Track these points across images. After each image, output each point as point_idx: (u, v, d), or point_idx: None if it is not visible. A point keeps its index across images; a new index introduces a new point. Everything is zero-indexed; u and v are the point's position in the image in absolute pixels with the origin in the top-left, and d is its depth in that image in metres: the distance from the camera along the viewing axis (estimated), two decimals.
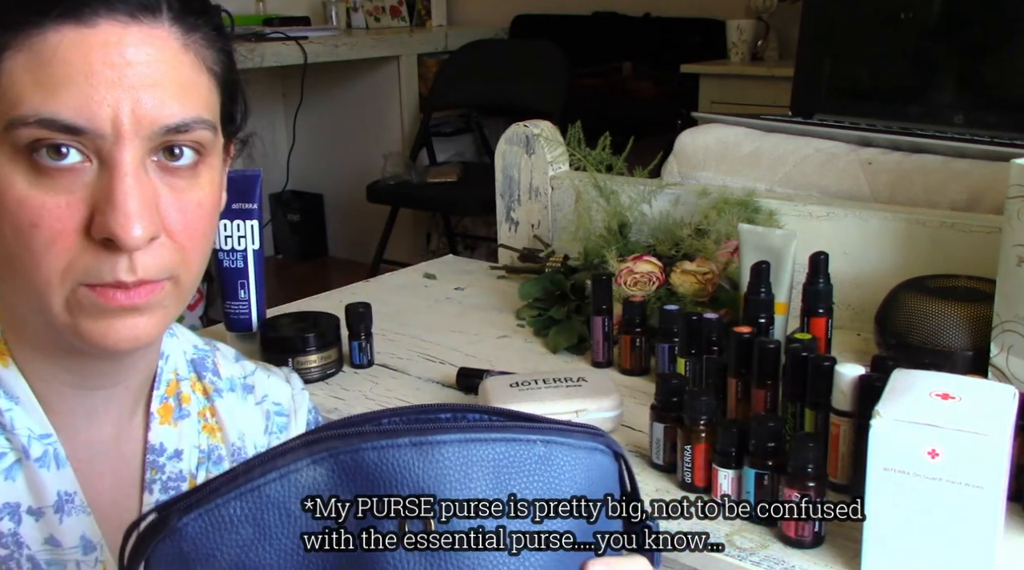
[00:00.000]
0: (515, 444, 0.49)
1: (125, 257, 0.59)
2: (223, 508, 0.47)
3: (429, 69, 3.80)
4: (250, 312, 1.10)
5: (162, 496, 0.73)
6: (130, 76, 0.58)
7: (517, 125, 1.49)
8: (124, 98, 0.58)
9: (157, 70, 0.59)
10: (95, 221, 0.58)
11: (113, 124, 0.57)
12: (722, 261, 1.17)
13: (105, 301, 0.60)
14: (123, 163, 0.58)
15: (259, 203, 1.09)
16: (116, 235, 0.57)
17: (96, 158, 0.58)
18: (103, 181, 0.58)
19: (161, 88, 0.59)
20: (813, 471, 0.74)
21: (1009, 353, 0.89)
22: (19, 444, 0.65)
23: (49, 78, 0.56)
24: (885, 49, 1.61)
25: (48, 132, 0.56)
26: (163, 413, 0.74)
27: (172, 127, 0.60)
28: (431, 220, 4.02)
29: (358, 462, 0.47)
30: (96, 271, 0.59)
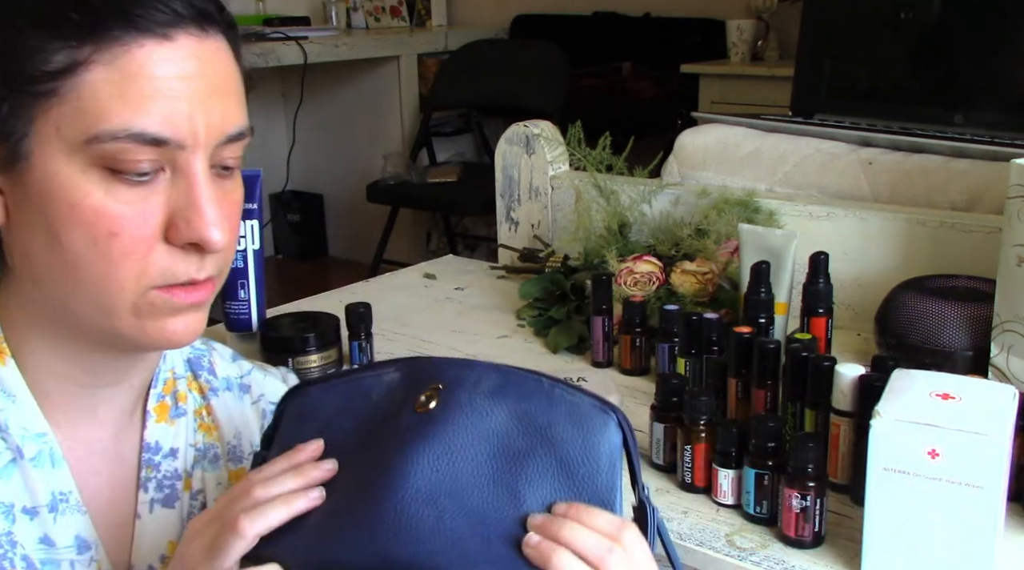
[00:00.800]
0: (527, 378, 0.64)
1: (197, 257, 0.63)
2: (335, 386, 0.67)
3: (429, 69, 3.80)
4: (250, 312, 1.10)
5: (157, 494, 0.73)
6: (202, 87, 0.61)
7: (517, 125, 1.49)
8: (199, 108, 0.61)
9: (221, 81, 0.63)
10: (177, 227, 0.61)
11: (192, 135, 0.60)
12: (722, 261, 1.17)
13: (176, 300, 0.63)
14: (201, 171, 0.62)
15: (259, 203, 1.09)
16: (204, 240, 0.61)
17: (170, 166, 0.61)
18: (180, 188, 0.61)
19: (225, 98, 0.63)
20: (813, 471, 0.74)
21: (1009, 353, 0.89)
22: (13, 443, 0.66)
23: (137, 92, 0.59)
24: (885, 49, 1.61)
25: (136, 145, 0.59)
26: (159, 411, 0.75)
27: (234, 135, 0.64)
28: (431, 220, 4.01)
29: (419, 368, 0.66)
30: (173, 273, 0.63)
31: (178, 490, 0.75)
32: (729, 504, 0.81)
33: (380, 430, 0.63)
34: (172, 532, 0.73)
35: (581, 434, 0.62)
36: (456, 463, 0.60)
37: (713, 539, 0.77)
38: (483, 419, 0.62)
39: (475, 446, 0.61)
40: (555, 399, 0.63)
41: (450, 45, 3.83)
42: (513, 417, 0.62)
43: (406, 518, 0.57)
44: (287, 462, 0.62)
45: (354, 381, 0.67)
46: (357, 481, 0.61)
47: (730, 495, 0.81)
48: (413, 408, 0.62)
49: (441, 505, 0.58)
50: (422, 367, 0.66)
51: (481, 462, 0.60)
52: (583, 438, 0.62)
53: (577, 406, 0.63)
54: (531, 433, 0.62)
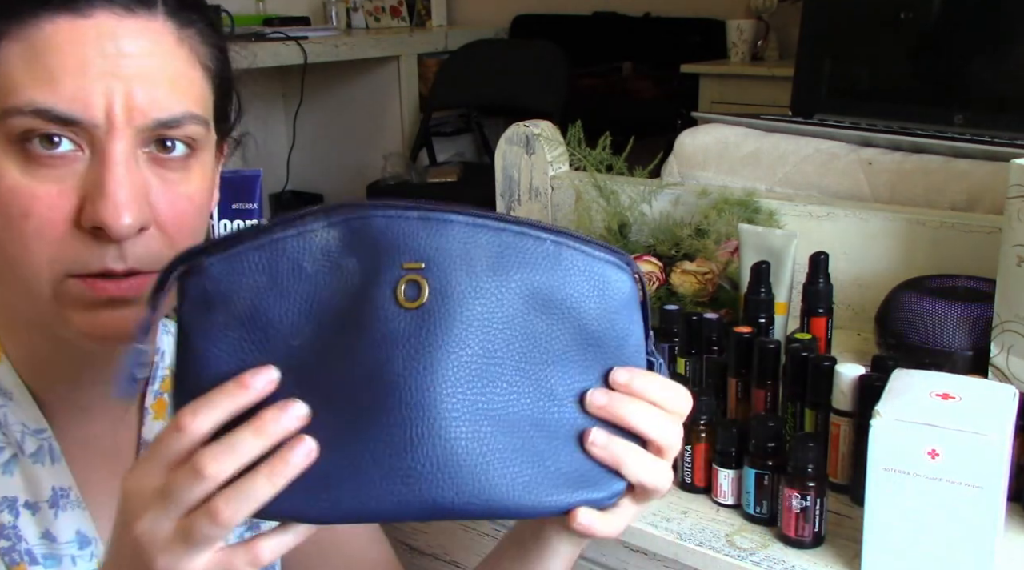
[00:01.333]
0: (525, 238, 0.53)
1: (114, 246, 0.59)
2: (244, 255, 0.51)
3: (429, 69, 3.80)
4: None
5: None
6: (124, 67, 0.58)
7: (517, 125, 1.49)
8: (117, 89, 0.58)
9: (151, 63, 0.59)
10: (85, 210, 0.58)
11: (107, 115, 0.58)
12: (722, 261, 1.16)
13: (94, 292, 0.60)
14: (114, 153, 0.58)
15: (259, 203, 1.09)
16: (105, 223, 0.57)
17: (88, 148, 0.59)
18: (94, 171, 0.58)
19: (155, 81, 0.59)
20: (813, 471, 0.74)
21: (1009, 353, 0.89)
22: (14, 439, 0.66)
23: (45, 68, 0.57)
24: (885, 49, 1.61)
25: (42, 122, 0.57)
26: (157, 409, 0.75)
27: (164, 121, 0.60)
28: None
29: (366, 227, 0.51)
30: (85, 260, 0.59)
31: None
32: (729, 504, 0.81)
33: (353, 329, 0.50)
34: None
35: (602, 302, 0.54)
36: (484, 371, 0.50)
37: (713, 539, 0.77)
38: (496, 306, 0.51)
39: (495, 343, 0.51)
40: (564, 263, 0.53)
41: (450, 45, 3.83)
42: (525, 295, 0.52)
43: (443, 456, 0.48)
44: (231, 404, 0.49)
45: (270, 245, 0.52)
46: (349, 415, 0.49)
47: (730, 495, 0.81)
48: (395, 300, 0.50)
49: (480, 427, 0.50)
50: (368, 228, 0.51)
51: (506, 361, 0.51)
52: (604, 306, 0.54)
53: (591, 268, 0.54)
54: (549, 311, 0.53)
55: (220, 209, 1.07)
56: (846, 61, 1.64)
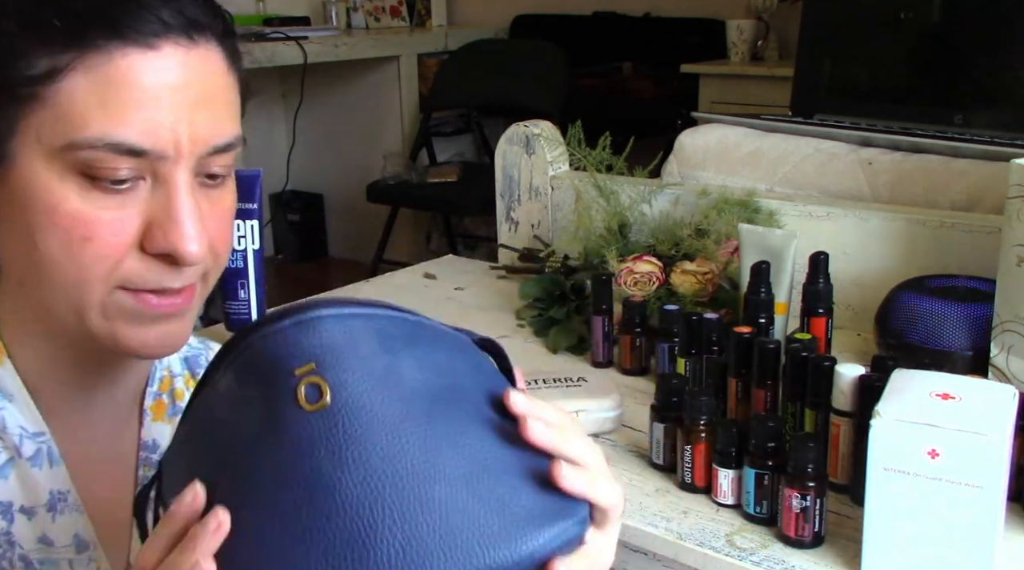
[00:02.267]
0: (393, 319, 0.55)
1: (175, 269, 0.61)
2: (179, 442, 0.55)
3: (429, 69, 3.80)
4: (250, 312, 1.10)
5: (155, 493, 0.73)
6: (190, 98, 0.60)
7: (517, 125, 1.49)
8: (183, 119, 0.59)
9: (211, 91, 0.61)
10: (153, 236, 0.60)
11: (175, 146, 0.59)
12: (722, 261, 1.16)
13: (144, 307, 0.62)
14: (181, 182, 0.60)
15: (259, 203, 1.09)
16: (179, 253, 0.60)
17: (151, 176, 0.60)
18: (159, 198, 0.60)
19: (215, 108, 0.61)
20: (813, 471, 0.74)
21: (1009, 353, 0.89)
22: (11, 443, 0.66)
23: (116, 101, 0.58)
24: (885, 49, 1.61)
25: (113, 155, 0.58)
26: (156, 410, 0.75)
27: (221, 146, 0.62)
28: (431, 220, 4.01)
29: (252, 355, 0.52)
30: (142, 279, 0.61)
31: None
32: (729, 504, 0.81)
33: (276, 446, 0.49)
34: None
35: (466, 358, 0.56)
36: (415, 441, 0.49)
37: (713, 539, 0.77)
38: (399, 380, 0.51)
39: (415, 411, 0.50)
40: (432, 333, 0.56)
41: (450, 45, 3.83)
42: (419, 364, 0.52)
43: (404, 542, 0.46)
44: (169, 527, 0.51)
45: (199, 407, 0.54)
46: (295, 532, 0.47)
47: (730, 495, 0.81)
48: (298, 406, 0.49)
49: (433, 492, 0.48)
50: (254, 355, 0.52)
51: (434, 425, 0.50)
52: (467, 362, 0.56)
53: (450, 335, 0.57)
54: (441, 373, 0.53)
55: None
56: (846, 61, 1.64)
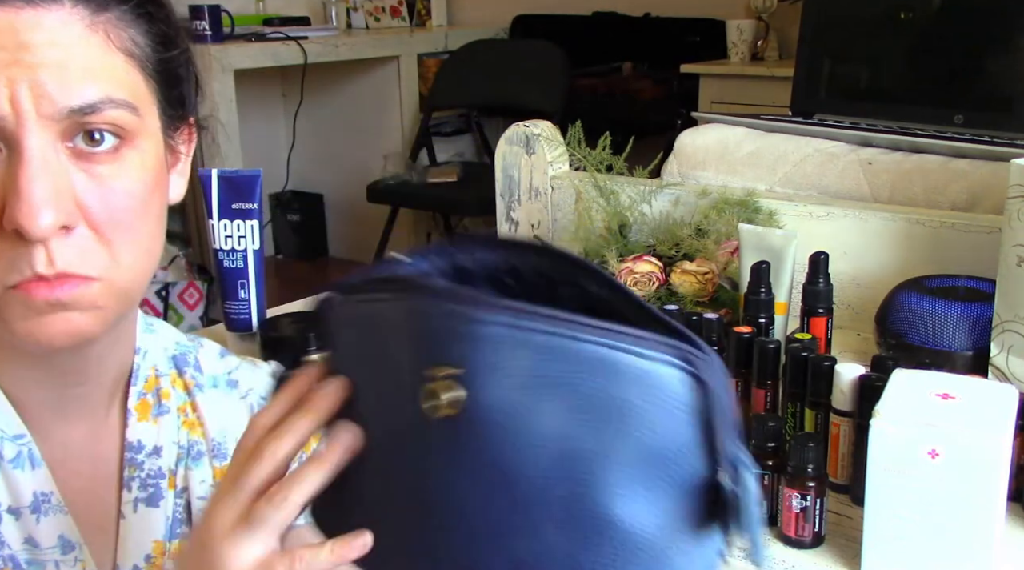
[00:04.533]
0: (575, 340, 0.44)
1: (41, 249, 0.57)
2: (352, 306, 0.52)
3: (429, 69, 3.80)
4: (250, 312, 1.10)
5: (141, 493, 0.72)
6: (27, 58, 0.56)
7: (517, 125, 1.49)
8: (21, 79, 0.56)
9: (58, 52, 0.57)
10: (4, 211, 0.56)
11: (12, 105, 0.56)
12: (722, 261, 1.16)
13: (29, 296, 0.58)
14: (28, 147, 0.56)
15: (259, 203, 1.09)
16: (21, 224, 0.55)
17: (5, 146, 0.57)
18: (11, 169, 0.56)
19: (63, 69, 0.57)
20: (813, 471, 0.74)
21: (1009, 353, 0.89)
22: None
23: None
24: (885, 49, 1.61)
25: None
26: (141, 410, 0.73)
27: (78, 108, 0.57)
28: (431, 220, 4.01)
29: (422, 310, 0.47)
30: (16, 267, 0.57)
31: (162, 489, 0.73)
32: None
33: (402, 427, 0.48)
34: (157, 531, 0.72)
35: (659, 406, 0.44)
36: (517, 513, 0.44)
37: None
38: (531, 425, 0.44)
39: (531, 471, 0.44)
40: (621, 368, 0.44)
41: (450, 45, 3.83)
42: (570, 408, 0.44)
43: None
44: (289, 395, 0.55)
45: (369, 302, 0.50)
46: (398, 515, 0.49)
47: None
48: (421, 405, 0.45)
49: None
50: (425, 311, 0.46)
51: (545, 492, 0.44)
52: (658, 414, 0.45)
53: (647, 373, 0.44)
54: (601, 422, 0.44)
55: (220, 209, 1.07)
56: (846, 61, 1.64)
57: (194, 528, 0.55)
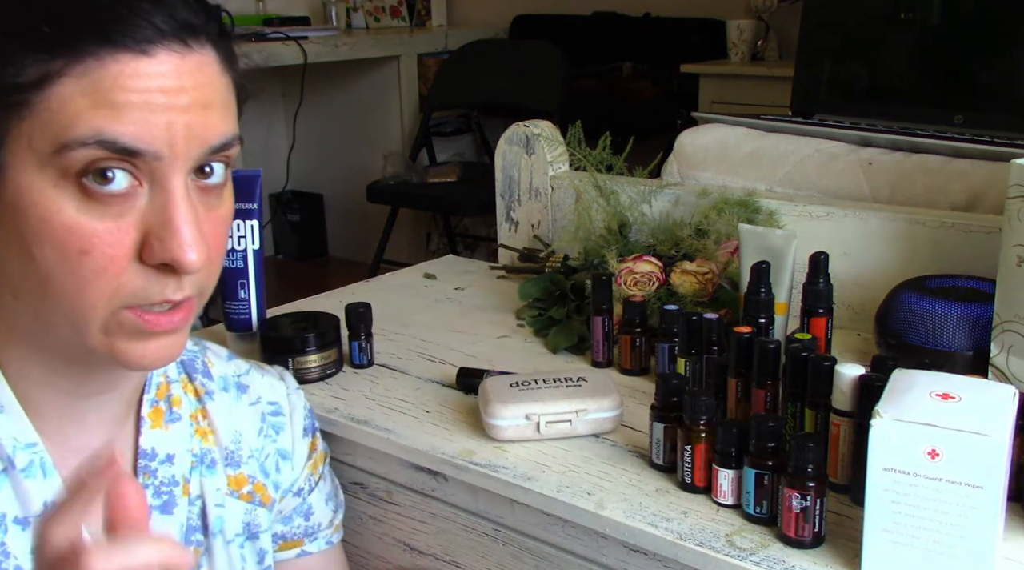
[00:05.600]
0: None
1: (175, 279, 0.60)
2: None
3: (429, 69, 3.80)
4: (250, 312, 1.10)
5: (155, 501, 0.73)
6: (184, 101, 0.59)
7: (517, 125, 1.49)
8: (178, 121, 0.59)
9: (205, 93, 0.61)
10: (151, 247, 0.59)
11: (169, 146, 0.59)
12: (722, 261, 1.17)
13: (147, 325, 0.61)
14: (179, 186, 0.60)
15: (259, 203, 1.09)
16: (178, 261, 0.59)
17: (147, 182, 0.59)
18: (156, 205, 0.59)
19: (210, 110, 0.61)
20: (813, 471, 0.74)
21: (1009, 353, 0.89)
22: (3, 454, 0.65)
23: (108, 101, 0.57)
24: (885, 49, 1.61)
25: (105, 153, 0.57)
26: (154, 417, 0.74)
27: (218, 146, 0.62)
28: (431, 220, 4.02)
29: None
30: (145, 293, 0.61)
31: (175, 496, 0.74)
32: (729, 504, 0.81)
33: None
34: None
35: None
36: None
37: (713, 539, 0.77)
38: None
39: None
40: None
41: (450, 45, 3.83)
42: None
43: None
44: None
45: None
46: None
47: (730, 495, 0.81)
48: None
49: None
50: None
51: None
52: None
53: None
54: None
55: None
56: (846, 61, 1.64)
57: None
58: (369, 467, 1.00)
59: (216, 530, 0.77)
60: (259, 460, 0.82)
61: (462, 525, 0.94)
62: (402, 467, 0.96)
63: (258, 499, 0.81)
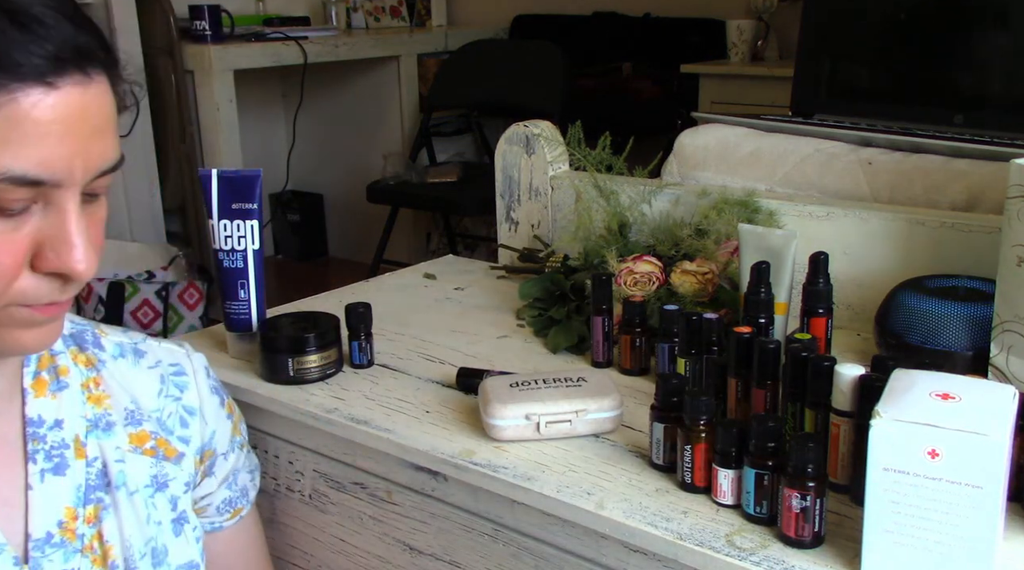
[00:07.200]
0: None
1: (62, 283, 0.67)
2: None
3: (429, 69, 3.80)
4: (250, 312, 1.10)
5: (46, 464, 0.77)
6: (85, 130, 0.64)
7: (517, 125, 1.49)
8: (79, 150, 0.63)
9: (101, 121, 0.65)
10: (45, 257, 0.65)
11: (69, 175, 0.63)
12: (722, 261, 1.17)
13: (38, 315, 0.67)
14: (72, 207, 0.65)
15: (259, 203, 1.09)
16: (73, 271, 0.65)
17: (43, 201, 0.64)
18: (51, 220, 0.64)
19: (104, 136, 0.66)
20: (813, 471, 0.74)
21: (1009, 353, 0.89)
22: None
23: (19, 138, 0.61)
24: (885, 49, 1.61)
25: (12, 186, 0.61)
26: (37, 387, 0.78)
27: (107, 169, 0.67)
28: (431, 220, 4.02)
29: None
30: (35, 295, 0.66)
31: (67, 459, 0.78)
32: (729, 504, 0.81)
33: None
34: (67, 498, 0.77)
35: None
36: None
37: (713, 539, 0.77)
38: None
39: None
40: None
41: (450, 45, 3.83)
42: None
43: None
44: None
45: None
46: None
47: (730, 495, 0.81)
48: None
49: None
50: None
51: None
52: None
53: None
54: None
55: (220, 209, 1.07)
56: (846, 61, 1.64)
57: None
58: (369, 467, 1.00)
59: (119, 483, 0.81)
60: (160, 418, 0.87)
61: (462, 525, 0.94)
62: (402, 467, 0.96)
63: (161, 454, 0.86)
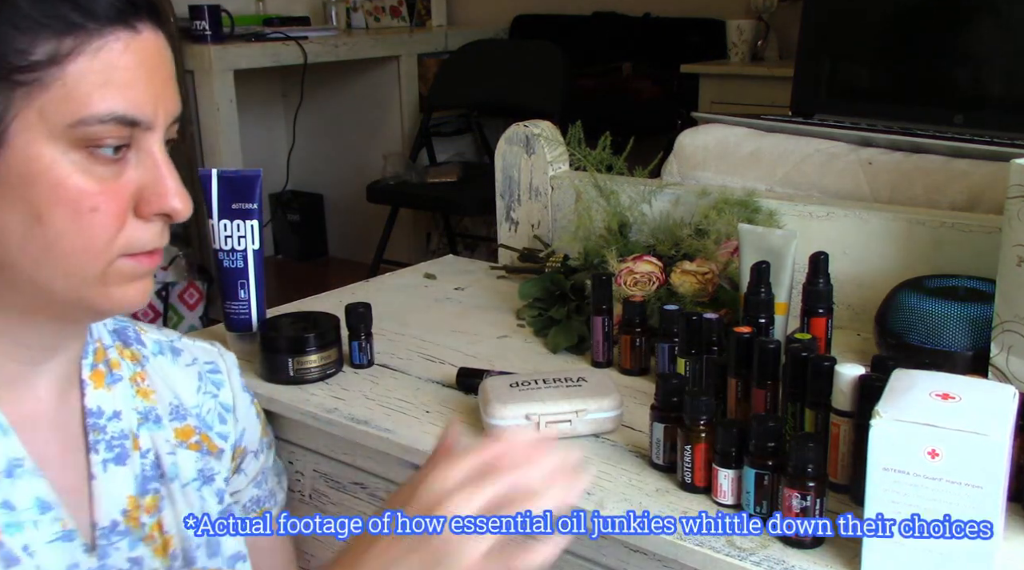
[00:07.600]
0: None
1: (162, 227, 0.70)
2: None
3: (429, 69, 3.80)
4: (250, 312, 1.10)
5: (108, 454, 0.78)
6: (162, 75, 0.69)
7: (517, 125, 1.49)
8: (160, 94, 0.68)
9: (171, 68, 0.70)
10: (147, 201, 0.68)
11: (155, 116, 0.67)
12: (722, 261, 1.17)
13: (142, 265, 0.70)
14: (160, 150, 0.69)
15: (259, 203, 1.09)
16: (173, 209, 0.69)
17: (135, 146, 0.67)
18: (146, 166, 0.68)
19: (174, 83, 0.70)
20: (813, 471, 0.74)
21: (1009, 353, 0.89)
22: None
23: (118, 80, 0.65)
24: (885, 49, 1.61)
25: (117, 128, 0.65)
26: (95, 379, 0.79)
27: (178, 116, 0.71)
28: (431, 220, 4.02)
29: None
30: (140, 243, 0.69)
31: (127, 449, 0.79)
32: (729, 504, 0.81)
33: None
34: (128, 487, 0.78)
35: None
36: None
37: (713, 539, 0.77)
38: None
39: None
40: None
41: (450, 45, 3.83)
42: None
43: None
44: None
45: None
46: None
47: (730, 495, 0.81)
48: None
49: None
50: None
51: None
52: None
53: None
54: None
55: (220, 209, 1.07)
56: (846, 61, 1.64)
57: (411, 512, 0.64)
58: (369, 467, 1.00)
59: (172, 475, 0.82)
60: (200, 414, 0.87)
61: None
62: (402, 467, 0.96)
63: (205, 448, 0.87)
